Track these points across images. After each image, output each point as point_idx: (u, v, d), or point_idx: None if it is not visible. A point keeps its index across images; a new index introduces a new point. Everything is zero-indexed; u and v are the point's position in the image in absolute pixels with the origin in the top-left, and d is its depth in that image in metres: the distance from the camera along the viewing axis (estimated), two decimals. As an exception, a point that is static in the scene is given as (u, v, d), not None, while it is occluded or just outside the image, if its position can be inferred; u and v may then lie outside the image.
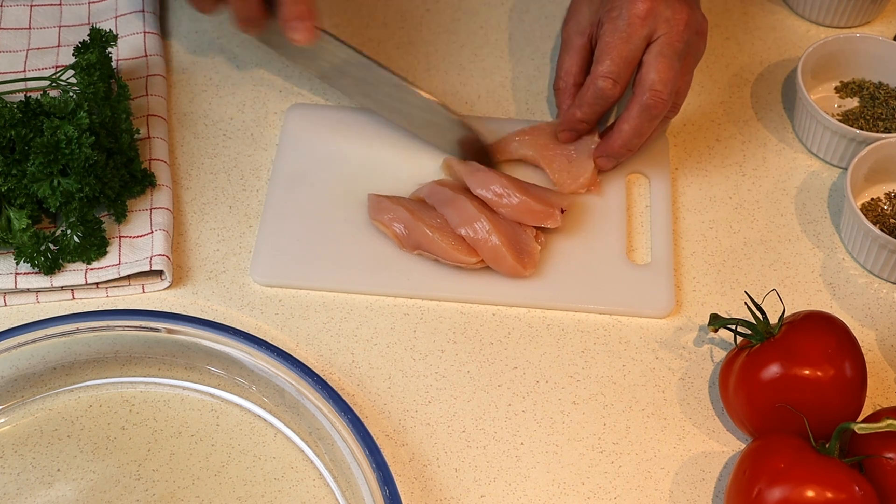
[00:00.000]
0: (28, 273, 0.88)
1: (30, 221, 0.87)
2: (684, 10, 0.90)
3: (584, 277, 0.91)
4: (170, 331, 0.84)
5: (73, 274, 0.88)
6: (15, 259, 0.88)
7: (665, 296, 0.90)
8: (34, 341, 0.83)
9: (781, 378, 0.79)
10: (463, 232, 0.89)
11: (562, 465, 0.82)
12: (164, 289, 0.90)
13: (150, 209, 0.92)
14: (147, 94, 0.99)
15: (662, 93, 0.89)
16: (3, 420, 0.83)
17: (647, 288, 0.90)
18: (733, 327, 0.84)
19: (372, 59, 0.94)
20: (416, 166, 0.96)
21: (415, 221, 0.90)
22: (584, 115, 0.94)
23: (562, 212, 0.90)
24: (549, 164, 0.95)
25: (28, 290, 0.89)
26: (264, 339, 0.85)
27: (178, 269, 0.91)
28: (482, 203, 0.91)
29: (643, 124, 0.91)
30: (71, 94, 0.93)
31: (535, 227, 0.91)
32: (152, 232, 0.91)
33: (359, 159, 0.96)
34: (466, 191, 0.92)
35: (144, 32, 1.02)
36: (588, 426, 0.84)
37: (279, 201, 0.93)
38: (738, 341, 0.84)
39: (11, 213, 0.88)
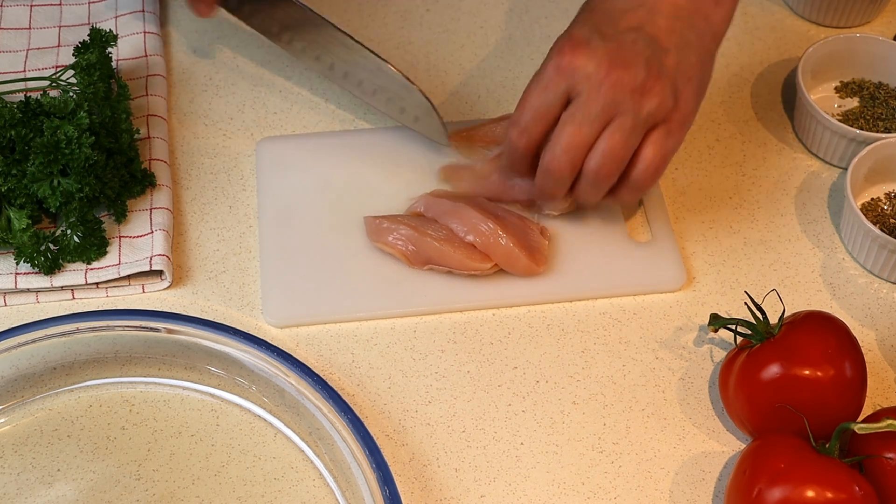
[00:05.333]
0: (28, 273, 0.88)
1: (30, 221, 0.87)
2: (614, 68, 0.80)
3: (595, 263, 0.91)
4: (170, 331, 0.84)
5: (73, 274, 0.88)
6: (15, 259, 0.88)
7: (675, 268, 0.91)
8: (34, 341, 0.83)
9: (781, 378, 0.79)
10: (472, 239, 0.89)
11: (562, 465, 0.82)
12: (164, 289, 0.90)
13: (150, 209, 0.92)
14: (147, 94, 0.99)
15: (561, 158, 0.82)
16: (3, 420, 0.83)
17: (657, 263, 0.91)
18: (733, 327, 0.84)
19: (326, 19, 0.93)
20: (402, 182, 0.95)
21: (421, 237, 0.89)
22: (506, 166, 0.89)
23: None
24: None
25: (28, 290, 0.89)
26: (264, 339, 0.85)
27: (178, 269, 0.91)
28: (483, 207, 0.91)
29: (547, 184, 0.85)
30: (71, 94, 0.93)
31: (538, 222, 0.91)
32: (152, 232, 0.91)
33: (342, 184, 0.95)
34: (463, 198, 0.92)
35: (144, 32, 1.02)
36: (588, 426, 0.84)
37: (274, 240, 0.91)
38: (738, 341, 0.84)
39: (11, 213, 0.88)
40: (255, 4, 0.95)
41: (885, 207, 0.95)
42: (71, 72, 0.95)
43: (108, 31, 0.94)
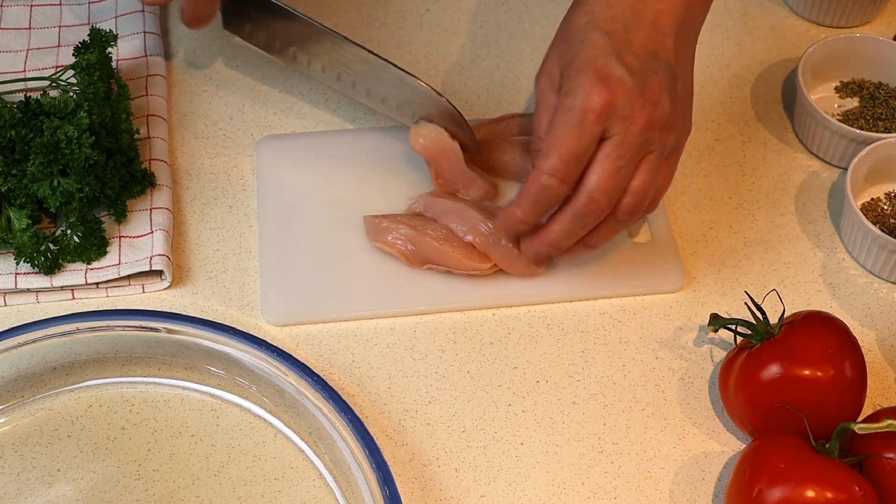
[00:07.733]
0: (28, 273, 0.88)
1: (30, 221, 0.87)
2: (646, 106, 0.79)
3: (595, 263, 0.91)
4: (170, 331, 0.84)
5: (73, 274, 0.88)
6: (15, 259, 0.88)
7: (675, 268, 0.91)
8: (34, 341, 0.83)
9: (781, 378, 0.79)
10: (471, 239, 0.89)
11: (562, 465, 0.82)
12: (164, 289, 0.90)
13: (150, 209, 0.92)
14: (147, 94, 0.99)
15: (600, 202, 0.80)
16: (3, 420, 0.83)
17: (657, 264, 0.91)
18: (733, 327, 0.84)
19: (344, 36, 0.92)
20: (402, 182, 0.95)
21: (420, 237, 0.89)
22: (524, 215, 0.83)
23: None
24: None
25: (28, 290, 0.89)
26: (264, 338, 0.85)
27: (178, 269, 0.91)
28: (483, 208, 0.91)
29: (574, 229, 0.82)
30: (71, 94, 0.93)
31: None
32: (152, 232, 0.91)
33: (342, 183, 0.94)
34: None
35: (144, 32, 1.02)
36: (588, 426, 0.84)
37: (273, 240, 0.91)
38: (738, 341, 0.84)
39: (11, 213, 0.88)
40: (258, 22, 0.94)
41: (885, 207, 0.95)
42: (71, 72, 0.95)
43: (108, 31, 0.94)
